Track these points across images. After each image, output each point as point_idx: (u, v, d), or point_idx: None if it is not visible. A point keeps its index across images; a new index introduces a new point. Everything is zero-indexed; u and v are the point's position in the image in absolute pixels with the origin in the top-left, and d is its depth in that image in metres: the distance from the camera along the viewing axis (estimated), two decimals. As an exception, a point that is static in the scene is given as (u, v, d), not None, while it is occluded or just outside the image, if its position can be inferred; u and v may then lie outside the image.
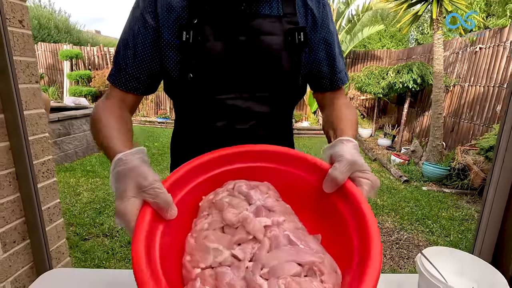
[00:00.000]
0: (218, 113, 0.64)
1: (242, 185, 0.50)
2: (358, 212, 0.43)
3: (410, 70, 4.41)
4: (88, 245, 1.97)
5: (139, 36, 0.60)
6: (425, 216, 2.59)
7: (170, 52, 0.60)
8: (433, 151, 3.68)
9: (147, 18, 0.59)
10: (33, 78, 0.94)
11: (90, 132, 4.06)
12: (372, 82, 4.98)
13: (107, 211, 2.47)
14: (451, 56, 4.62)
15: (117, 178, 0.44)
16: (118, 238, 2.08)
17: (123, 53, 0.62)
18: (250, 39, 0.60)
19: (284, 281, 0.37)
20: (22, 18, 0.89)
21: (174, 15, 0.59)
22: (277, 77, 0.63)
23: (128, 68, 0.61)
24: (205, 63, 0.60)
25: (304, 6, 0.64)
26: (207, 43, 0.59)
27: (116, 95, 0.63)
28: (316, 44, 0.67)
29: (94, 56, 7.93)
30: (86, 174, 3.30)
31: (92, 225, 2.22)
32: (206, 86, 0.61)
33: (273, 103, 0.66)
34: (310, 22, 0.65)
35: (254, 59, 0.61)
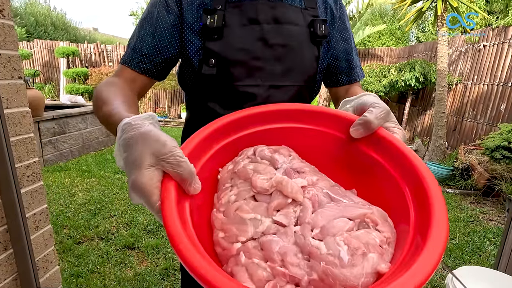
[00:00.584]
0: (237, 101, 0.62)
1: (264, 149, 0.46)
2: (402, 158, 0.39)
3: (412, 68, 4.34)
4: (82, 248, 1.89)
5: (160, 19, 0.59)
6: (429, 217, 2.53)
7: (192, 37, 0.60)
8: (435, 151, 3.62)
9: (169, 2, 0.59)
10: (15, 73, 0.86)
11: (86, 130, 3.97)
12: (374, 80, 4.91)
13: (103, 212, 2.39)
14: (453, 54, 4.55)
15: (126, 146, 0.36)
16: (114, 241, 2.00)
17: (140, 33, 0.60)
18: (273, 28, 0.59)
19: (342, 238, 0.34)
20: (3, 7, 0.81)
21: (198, 1, 0.59)
22: (299, 67, 0.63)
23: (144, 49, 0.59)
24: (228, 49, 0.58)
25: (324, 2, 0.66)
26: (231, 29, 0.58)
27: (127, 75, 0.60)
28: (334, 39, 0.68)
29: (91, 54, 7.82)
30: (81, 174, 3.22)
31: (86, 228, 2.15)
32: (227, 72, 0.59)
33: (293, 93, 0.64)
34: (330, 17, 0.66)
35: (277, 47, 0.60)
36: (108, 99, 0.51)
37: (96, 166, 3.51)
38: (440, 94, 3.37)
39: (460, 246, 2.10)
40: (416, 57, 5.78)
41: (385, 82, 4.59)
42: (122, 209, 2.46)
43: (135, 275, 1.68)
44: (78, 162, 3.61)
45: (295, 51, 0.61)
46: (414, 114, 5.51)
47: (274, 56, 0.60)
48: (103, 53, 7.81)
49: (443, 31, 3.14)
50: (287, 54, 0.61)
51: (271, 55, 0.60)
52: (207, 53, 0.58)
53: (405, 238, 0.34)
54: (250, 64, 0.59)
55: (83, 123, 4.04)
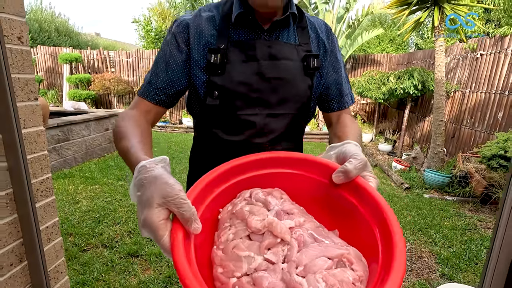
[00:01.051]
0: (237, 128, 0.68)
1: (258, 193, 0.52)
2: (374, 204, 0.45)
3: (411, 76, 4.40)
4: (87, 256, 1.94)
5: (172, 56, 0.67)
6: (427, 225, 2.56)
7: (198, 72, 0.67)
8: (434, 158, 3.66)
9: (179, 41, 0.67)
10: (31, 95, 0.92)
11: (89, 137, 4.03)
12: (373, 88, 4.97)
13: (107, 220, 2.44)
14: (452, 62, 4.62)
15: (140, 186, 0.42)
16: (118, 249, 2.05)
17: (155, 69, 0.68)
18: (270, 64, 0.66)
19: (321, 275, 0.39)
20: (21, 35, 0.87)
21: (204, 41, 0.67)
22: (294, 97, 0.70)
23: (159, 83, 0.67)
24: (229, 83, 0.64)
25: (317, 37, 0.73)
26: (232, 65, 0.65)
27: (143, 107, 0.67)
28: (326, 70, 0.74)
29: (94, 60, 7.91)
30: (85, 180, 3.27)
31: (91, 235, 2.19)
32: (229, 103, 0.66)
33: (288, 121, 0.70)
34: (322, 51, 0.73)
35: (274, 81, 0.67)
36: (126, 134, 0.57)
37: (100, 173, 3.56)
38: (438, 102, 3.43)
39: (457, 255, 2.14)
40: (415, 64, 5.84)
41: (384, 89, 4.65)
42: (125, 217, 2.50)
43: (139, 283, 1.73)
44: (82, 169, 3.66)
45: (289, 83, 0.68)
46: (413, 120, 5.56)
47: (270, 88, 0.66)
48: (106, 59, 7.90)
49: (441, 41, 3.20)
50: (283, 86, 0.67)
51: (268, 88, 0.66)
52: (211, 86, 0.65)
53: (375, 274, 0.39)
54: (249, 96, 0.66)
55: (86, 130, 4.10)
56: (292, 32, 0.70)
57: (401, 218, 2.70)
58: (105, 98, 7.90)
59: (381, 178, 3.83)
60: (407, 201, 3.08)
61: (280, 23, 0.67)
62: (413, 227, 2.54)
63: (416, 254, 2.14)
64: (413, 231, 2.48)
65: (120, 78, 7.53)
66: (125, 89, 7.46)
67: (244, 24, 0.67)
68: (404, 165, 4.05)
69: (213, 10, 0.69)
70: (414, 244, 2.28)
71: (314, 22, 0.74)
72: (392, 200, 3.10)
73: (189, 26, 0.67)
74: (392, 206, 2.96)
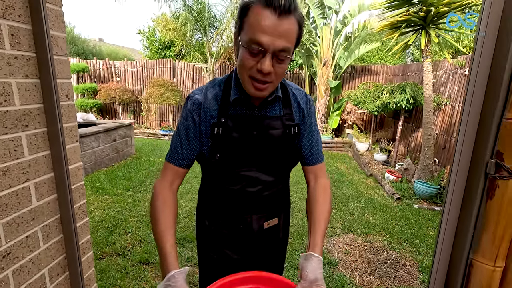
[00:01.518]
0: (235, 180, 0.89)
1: None
2: None
3: (403, 91, 4.63)
4: (103, 264, 2.16)
5: (190, 129, 0.85)
6: (413, 235, 2.77)
7: (204, 139, 0.86)
8: (424, 170, 3.87)
9: (194, 116, 0.85)
10: (74, 139, 1.15)
11: (98, 148, 4.25)
12: (368, 100, 5.20)
13: (118, 229, 2.66)
14: (443, 76, 4.85)
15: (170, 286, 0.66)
16: (130, 257, 2.27)
17: (178, 141, 0.86)
18: (260, 133, 0.85)
19: None
20: (68, 93, 1.10)
21: (210, 115, 0.84)
22: (278, 157, 0.89)
23: (184, 152, 0.86)
24: (228, 148, 0.85)
25: (298, 106, 0.91)
26: (230, 135, 0.83)
27: (171, 171, 0.87)
28: (302, 132, 0.92)
29: (100, 69, 8.19)
30: (96, 191, 3.49)
31: (105, 244, 2.41)
32: (228, 162, 0.87)
33: (274, 173, 0.91)
34: (301, 117, 0.91)
35: (262, 146, 0.86)
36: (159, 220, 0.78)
37: (109, 183, 3.78)
38: (426, 118, 3.65)
39: (438, 263, 2.34)
40: (409, 76, 6.08)
41: (379, 102, 4.88)
42: (136, 226, 2.72)
43: (151, 288, 1.94)
44: (92, 179, 3.89)
45: (275, 147, 0.87)
46: (408, 130, 5.78)
47: (260, 151, 0.86)
48: (111, 68, 8.18)
49: (428, 61, 3.43)
50: (270, 150, 0.86)
51: (258, 151, 0.86)
52: (214, 150, 0.85)
53: None
54: (244, 157, 0.86)
55: (95, 141, 4.34)
56: (277, 105, 0.87)
57: (390, 228, 2.91)
58: (111, 107, 8.16)
59: (375, 188, 4.04)
60: (396, 211, 3.30)
61: (268, 101, 0.84)
62: (400, 236, 2.75)
63: (400, 263, 2.35)
64: (400, 240, 2.69)
65: (125, 87, 7.79)
66: (130, 98, 7.72)
67: (240, 103, 0.84)
68: (396, 176, 4.27)
69: (216, 87, 0.87)
70: (400, 253, 2.49)
71: (296, 94, 0.91)
72: (383, 210, 3.31)
73: (200, 104, 0.84)
74: (382, 216, 3.17)
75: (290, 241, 2.58)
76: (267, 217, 0.96)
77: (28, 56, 0.92)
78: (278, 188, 0.95)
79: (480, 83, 0.76)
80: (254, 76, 0.73)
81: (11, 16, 0.86)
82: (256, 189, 0.90)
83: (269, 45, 0.68)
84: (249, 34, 0.69)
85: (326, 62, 6.38)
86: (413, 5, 3.31)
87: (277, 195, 0.96)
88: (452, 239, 0.87)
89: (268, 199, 0.93)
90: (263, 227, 0.96)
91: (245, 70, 0.74)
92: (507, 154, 0.70)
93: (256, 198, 0.91)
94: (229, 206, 0.93)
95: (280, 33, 0.68)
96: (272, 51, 0.69)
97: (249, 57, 0.71)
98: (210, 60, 7.28)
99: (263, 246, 0.99)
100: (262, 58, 0.70)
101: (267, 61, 0.70)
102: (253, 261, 0.99)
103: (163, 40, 9.33)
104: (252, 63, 0.72)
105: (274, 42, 0.68)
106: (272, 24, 0.67)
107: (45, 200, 1.02)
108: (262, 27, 0.67)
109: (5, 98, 0.86)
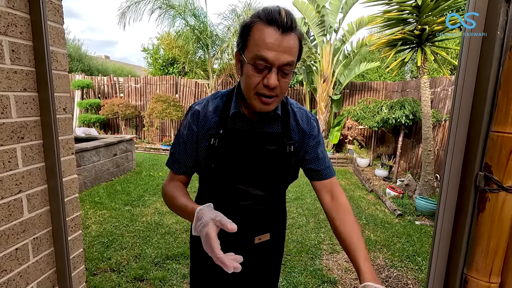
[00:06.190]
0: (228, 192, 0.90)
1: None
2: None
3: (402, 107, 4.67)
4: (96, 280, 2.11)
5: (188, 139, 0.89)
6: (415, 252, 2.71)
7: (201, 150, 0.88)
8: (425, 186, 3.83)
9: (193, 127, 0.88)
10: (69, 151, 1.16)
11: (99, 163, 4.27)
12: (368, 116, 5.24)
13: (114, 244, 2.62)
14: (441, 92, 4.89)
15: (200, 217, 0.68)
16: (125, 273, 2.22)
17: (177, 150, 0.91)
18: (256, 148, 0.86)
19: None
20: (66, 106, 1.13)
21: (208, 126, 0.87)
22: (271, 173, 0.89)
23: (181, 160, 0.90)
24: (223, 159, 0.86)
25: (297, 127, 0.91)
26: (227, 147, 0.85)
27: (174, 176, 0.93)
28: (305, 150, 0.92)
29: (104, 85, 8.35)
30: (94, 205, 3.47)
31: (100, 260, 2.37)
32: (222, 174, 0.88)
33: (267, 189, 0.91)
34: (301, 136, 0.91)
35: (257, 160, 0.87)
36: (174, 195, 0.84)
37: (108, 197, 3.77)
38: (426, 133, 3.66)
39: (441, 282, 2.27)
40: (408, 92, 6.14)
41: (378, 118, 4.90)
42: (132, 242, 2.69)
43: (144, 306, 1.89)
44: (91, 194, 3.88)
45: (270, 163, 0.87)
46: (408, 146, 5.77)
47: (255, 165, 0.86)
48: (115, 85, 8.34)
49: (425, 78, 3.47)
50: (264, 165, 0.86)
51: (252, 165, 0.86)
52: (209, 160, 0.86)
53: None
54: (238, 170, 0.86)
55: (96, 156, 4.36)
56: (276, 123, 0.87)
57: (391, 245, 2.84)
58: (113, 122, 8.26)
59: (376, 204, 3.99)
60: (398, 228, 3.23)
61: (267, 118, 0.85)
62: (402, 254, 2.68)
63: (402, 281, 2.28)
64: (401, 258, 2.62)
65: (128, 103, 7.91)
66: (133, 113, 7.82)
67: (239, 117, 0.85)
68: (398, 191, 4.22)
69: (218, 100, 0.89)
70: (401, 271, 2.43)
71: (296, 113, 0.91)
72: (384, 227, 3.25)
73: (199, 114, 0.87)
74: (383, 233, 3.11)
75: (289, 258, 2.53)
76: (258, 232, 0.95)
77: (28, 71, 0.95)
78: (270, 203, 0.94)
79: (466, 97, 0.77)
80: (261, 91, 0.75)
81: (13, 33, 0.89)
82: (248, 203, 0.90)
83: (274, 61, 0.71)
84: (254, 50, 0.72)
85: (326, 78, 6.48)
86: (408, 24, 3.40)
87: (270, 211, 0.96)
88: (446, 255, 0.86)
89: (259, 213, 0.93)
90: (253, 241, 0.95)
91: (251, 87, 0.76)
92: (495, 166, 0.70)
93: (247, 211, 0.91)
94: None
95: (284, 49, 0.71)
96: (277, 66, 0.72)
97: (255, 73, 0.74)
98: (212, 76, 7.42)
99: (254, 261, 0.97)
100: (268, 74, 0.73)
101: (273, 75, 0.72)
102: (244, 276, 0.97)
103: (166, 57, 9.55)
104: (258, 79, 0.74)
105: (279, 58, 0.71)
106: (276, 40, 0.70)
107: (37, 212, 1.02)
108: (267, 44, 0.70)
109: (2, 110, 0.88)
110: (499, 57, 0.67)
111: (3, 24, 0.86)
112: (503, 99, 0.67)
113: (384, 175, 5.45)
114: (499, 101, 0.68)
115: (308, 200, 4.04)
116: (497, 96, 0.68)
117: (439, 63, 3.32)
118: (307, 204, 3.87)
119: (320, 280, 2.25)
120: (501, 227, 0.72)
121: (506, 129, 0.66)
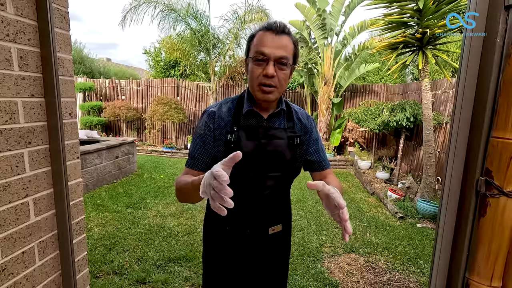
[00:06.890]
0: (244, 184, 0.97)
1: None
2: None
3: (403, 109, 4.67)
4: (99, 283, 2.12)
5: (206, 136, 0.97)
6: (417, 255, 2.71)
7: (218, 145, 0.97)
8: (426, 188, 3.83)
9: (210, 125, 0.98)
10: (75, 155, 1.18)
11: (101, 165, 4.29)
12: (369, 119, 5.24)
13: (117, 247, 2.63)
14: (442, 95, 4.90)
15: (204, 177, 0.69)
16: (127, 276, 2.23)
17: (195, 148, 0.98)
18: (267, 141, 0.97)
19: None
20: (71, 111, 1.14)
21: (223, 124, 0.98)
22: (281, 163, 0.99)
23: (200, 157, 0.98)
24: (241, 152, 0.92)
25: (300, 122, 1.05)
26: (241, 142, 0.95)
27: (189, 172, 0.98)
28: (308, 143, 1.07)
29: (106, 88, 8.39)
30: (96, 208, 3.49)
31: (103, 262, 2.38)
32: (238, 166, 0.93)
33: (277, 179, 0.99)
34: (303, 131, 1.06)
35: (269, 152, 0.97)
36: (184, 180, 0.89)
37: (110, 200, 3.78)
38: (427, 136, 3.66)
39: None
40: (409, 94, 6.15)
41: (379, 120, 4.91)
42: (134, 244, 2.70)
43: (147, 309, 1.90)
44: (93, 196, 3.90)
45: (280, 155, 0.97)
46: (410, 148, 5.77)
47: (267, 157, 0.96)
48: (117, 87, 8.38)
49: (426, 81, 3.49)
50: (275, 156, 0.97)
51: (265, 157, 0.96)
52: (227, 154, 0.91)
53: None
54: (253, 162, 0.95)
55: (98, 158, 4.38)
56: (282, 119, 1.01)
57: (393, 248, 2.84)
58: (115, 124, 8.29)
59: (377, 207, 3.99)
60: (399, 231, 3.23)
61: (275, 115, 0.99)
62: (403, 257, 2.68)
63: (404, 284, 2.28)
64: (403, 261, 2.62)
65: (130, 105, 7.95)
66: (134, 115, 7.85)
67: (251, 115, 0.98)
68: (399, 194, 4.22)
69: (229, 103, 1.01)
70: (403, 274, 2.43)
71: (298, 112, 1.07)
72: (386, 230, 3.25)
73: (215, 114, 0.98)
74: (385, 236, 3.11)
75: (291, 261, 2.53)
76: (272, 222, 1.05)
77: (35, 77, 0.96)
78: (280, 195, 1.05)
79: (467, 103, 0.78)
80: (262, 81, 0.90)
81: (21, 40, 0.91)
82: (262, 194, 0.99)
83: (271, 54, 0.88)
84: (255, 49, 0.90)
85: (327, 81, 6.50)
86: (410, 27, 3.42)
87: (280, 202, 1.06)
88: (448, 259, 0.87)
89: (272, 204, 1.03)
90: (268, 232, 1.04)
91: (254, 78, 0.91)
92: (496, 172, 0.71)
93: (262, 202, 1.00)
94: (237, 211, 0.99)
95: (278, 46, 0.89)
96: (273, 59, 0.88)
97: (256, 66, 0.90)
98: (213, 79, 7.45)
99: (268, 253, 1.06)
100: (266, 65, 0.89)
101: (271, 66, 0.88)
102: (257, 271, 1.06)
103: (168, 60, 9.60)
104: (259, 70, 0.90)
105: (274, 52, 0.88)
106: (272, 39, 0.89)
107: (43, 216, 1.03)
108: (264, 42, 0.89)
109: (10, 116, 0.89)
110: (499, 64, 0.69)
111: (12, 31, 0.88)
112: (503, 105, 0.68)
113: (385, 178, 5.44)
114: (499, 108, 0.69)
115: (310, 202, 4.04)
116: (497, 103, 0.70)
117: (440, 65, 3.33)
118: (309, 207, 3.88)
119: (322, 283, 2.25)
120: (502, 231, 0.73)
121: (506, 135, 0.67)
